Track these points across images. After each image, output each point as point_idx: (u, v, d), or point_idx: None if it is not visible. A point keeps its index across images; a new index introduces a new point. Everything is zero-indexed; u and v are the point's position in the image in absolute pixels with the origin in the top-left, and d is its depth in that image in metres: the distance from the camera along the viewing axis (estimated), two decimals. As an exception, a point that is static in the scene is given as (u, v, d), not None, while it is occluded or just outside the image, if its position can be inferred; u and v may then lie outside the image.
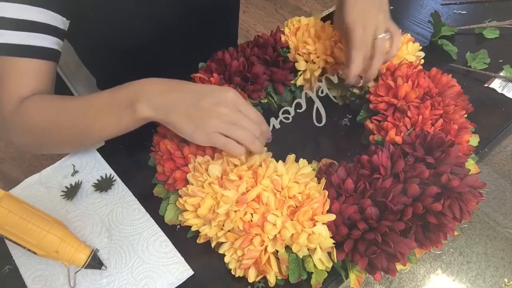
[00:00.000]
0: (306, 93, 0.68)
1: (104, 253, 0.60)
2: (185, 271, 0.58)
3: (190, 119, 0.56)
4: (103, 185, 0.68)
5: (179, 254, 0.60)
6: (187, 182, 0.61)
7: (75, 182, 0.68)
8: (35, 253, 0.55)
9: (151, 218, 0.64)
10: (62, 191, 0.67)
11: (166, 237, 0.62)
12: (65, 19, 0.66)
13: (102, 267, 0.59)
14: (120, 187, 0.68)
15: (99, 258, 0.59)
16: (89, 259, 0.57)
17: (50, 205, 0.66)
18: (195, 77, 0.75)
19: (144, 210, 0.65)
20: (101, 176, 0.69)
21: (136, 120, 0.58)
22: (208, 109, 0.55)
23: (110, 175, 0.69)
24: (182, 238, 0.62)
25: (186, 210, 0.60)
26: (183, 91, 0.58)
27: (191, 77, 0.76)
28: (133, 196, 0.67)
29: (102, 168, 0.71)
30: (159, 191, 0.66)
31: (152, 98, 0.57)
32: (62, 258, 0.56)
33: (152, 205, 0.66)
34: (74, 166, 0.71)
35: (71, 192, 0.67)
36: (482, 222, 1.54)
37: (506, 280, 1.39)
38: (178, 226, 0.64)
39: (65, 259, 0.56)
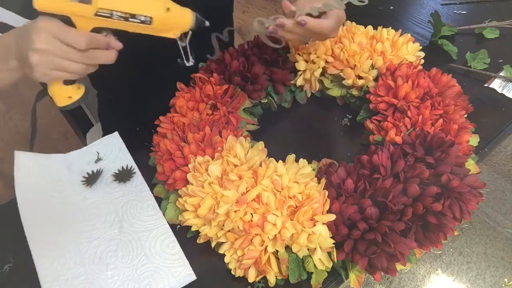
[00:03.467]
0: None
1: (113, 245, 0.60)
2: (188, 276, 0.58)
3: (25, 65, 0.53)
4: (122, 176, 0.68)
5: (185, 257, 0.59)
6: (187, 182, 0.61)
7: (97, 170, 0.69)
8: (150, 21, 0.53)
9: (163, 217, 0.63)
10: (83, 176, 0.68)
11: (174, 238, 0.61)
12: None
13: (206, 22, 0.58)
14: (138, 180, 0.68)
15: (201, 19, 0.58)
16: (194, 18, 0.56)
17: (70, 188, 0.67)
18: (195, 77, 0.75)
19: (158, 207, 0.65)
20: (122, 167, 0.69)
21: (9, 70, 0.57)
22: (27, 49, 0.52)
23: (131, 166, 0.69)
24: (182, 238, 0.62)
25: (186, 210, 0.60)
26: (17, 36, 0.55)
27: (190, 77, 0.76)
28: (150, 192, 0.67)
29: (124, 158, 0.71)
30: (159, 191, 0.66)
31: (14, 49, 0.56)
32: (173, 17, 0.55)
33: (152, 205, 0.65)
34: (98, 153, 0.72)
35: (91, 179, 0.68)
36: (482, 222, 1.54)
37: (506, 280, 1.39)
38: (178, 226, 0.64)
39: (176, 19, 0.55)
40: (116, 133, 0.75)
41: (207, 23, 0.59)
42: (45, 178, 0.68)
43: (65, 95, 0.58)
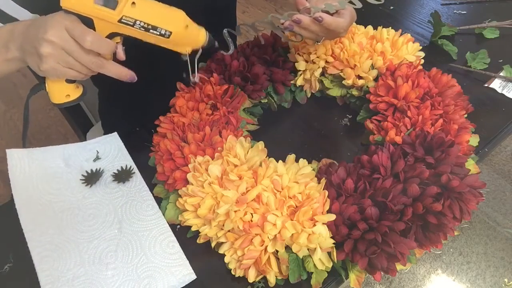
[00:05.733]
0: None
1: (112, 245, 0.60)
2: (188, 275, 0.58)
3: (31, 56, 0.53)
4: (122, 176, 0.68)
5: (184, 257, 0.59)
6: (187, 182, 0.61)
7: (96, 169, 0.68)
8: (169, 35, 0.55)
9: (163, 216, 0.63)
10: (83, 175, 0.68)
11: (174, 238, 0.61)
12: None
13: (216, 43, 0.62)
14: (138, 180, 0.68)
15: (213, 39, 0.61)
16: (207, 38, 0.60)
17: (69, 185, 0.67)
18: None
19: (157, 207, 0.65)
20: (121, 167, 0.69)
21: (7, 60, 0.56)
22: (39, 39, 0.52)
23: (130, 167, 0.69)
24: (182, 238, 0.62)
25: (186, 210, 0.60)
26: (27, 26, 0.55)
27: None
28: (149, 191, 0.66)
29: (123, 158, 0.71)
30: (159, 191, 0.66)
31: (18, 38, 0.55)
32: (189, 35, 0.57)
33: (152, 205, 0.65)
34: (98, 152, 0.71)
35: (91, 179, 0.67)
36: (482, 222, 1.54)
37: (506, 280, 1.39)
38: (178, 226, 0.64)
39: (191, 37, 0.58)
40: (116, 133, 0.75)
41: (217, 44, 0.61)
42: (42, 174, 0.68)
43: (64, 93, 0.58)
